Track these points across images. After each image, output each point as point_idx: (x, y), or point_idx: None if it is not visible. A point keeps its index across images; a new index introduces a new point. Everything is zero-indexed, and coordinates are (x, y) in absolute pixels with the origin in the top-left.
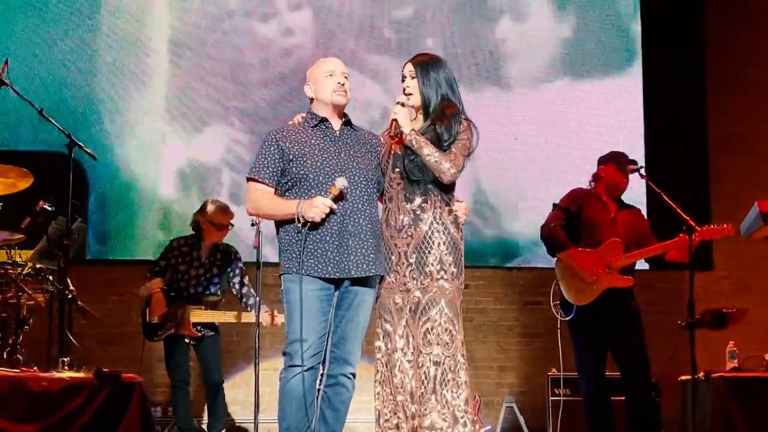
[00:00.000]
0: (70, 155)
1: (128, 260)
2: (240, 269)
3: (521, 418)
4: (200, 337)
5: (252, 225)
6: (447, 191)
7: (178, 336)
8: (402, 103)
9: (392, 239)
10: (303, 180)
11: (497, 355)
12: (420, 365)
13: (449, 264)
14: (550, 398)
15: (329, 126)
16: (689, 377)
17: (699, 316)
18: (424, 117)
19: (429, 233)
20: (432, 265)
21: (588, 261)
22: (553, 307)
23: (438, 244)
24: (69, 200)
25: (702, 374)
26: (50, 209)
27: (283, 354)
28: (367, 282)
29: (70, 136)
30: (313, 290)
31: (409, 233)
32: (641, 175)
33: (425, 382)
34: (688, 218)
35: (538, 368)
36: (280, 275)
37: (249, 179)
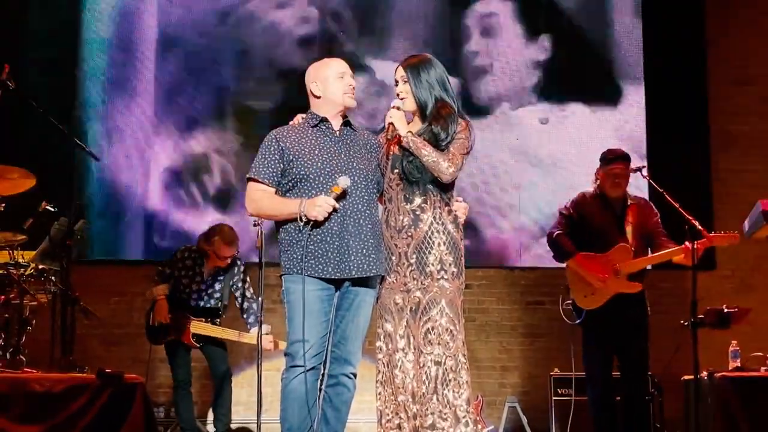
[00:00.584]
0: (73, 156)
1: (130, 261)
2: (242, 278)
3: (524, 418)
4: (201, 347)
5: (254, 225)
6: (446, 191)
7: (180, 341)
8: (397, 107)
9: (392, 240)
10: (303, 180)
11: (500, 355)
12: (421, 365)
13: (449, 264)
14: (553, 398)
15: (329, 126)
16: (692, 377)
17: (702, 316)
18: (421, 119)
19: (429, 233)
20: (432, 265)
21: (595, 266)
22: (563, 311)
23: (438, 244)
24: (73, 200)
25: (705, 374)
26: (53, 210)
27: (285, 354)
28: (368, 282)
29: (73, 137)
30: (314, 290)
31: (409, 233)
32: (643, 176)
33: (426, 382)
34: (691, 218)
35: (541, 368)
36: (281, 275)
37: (249, 179)
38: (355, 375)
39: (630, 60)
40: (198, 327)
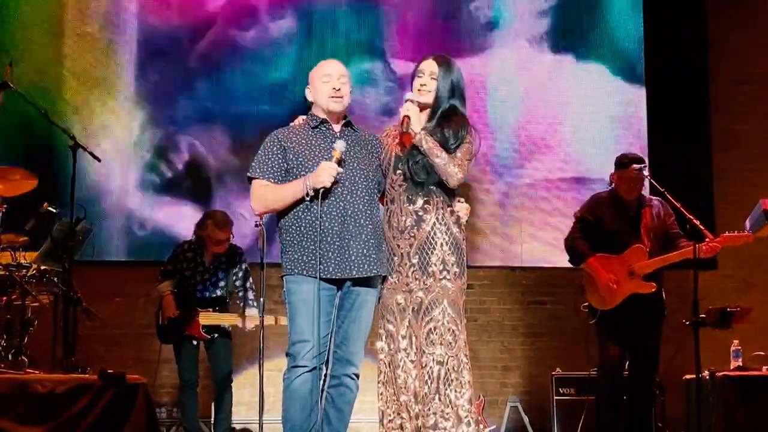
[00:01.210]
0: (74, 156)
1: (132, 261)
2: (244, 271)
3: (526, 418)
4: (210, 340)
5: (256, 226)
6: (449, 192)
7: (188, 337)
8: (412, 100)
9: (394, 240)
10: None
11: (501, 355)
12: (423, 365)
13: (452, 264)
14: (555, 398)
15: (329, 127)
16: (694, 376)
17: (703, 315)
18: (430, 116)
19: (432, 234)
20: (435, 265)
21: (610, 267)
22: (582, 308)
23: (441, 245)
24: (73, 201)
25: (706, 373)
26: (54, 211)
27: (286, 355)
28: (369, 282)
29: (74, 138)
30: (315, 291)
31: (412, 234)
32: (644, 175)
33: (429, 382)
34: (692, 217)
35: (543, 368)
36: (282, 276)
37: (251, 179)
38: (358, 375)
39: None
40: (207, 318)
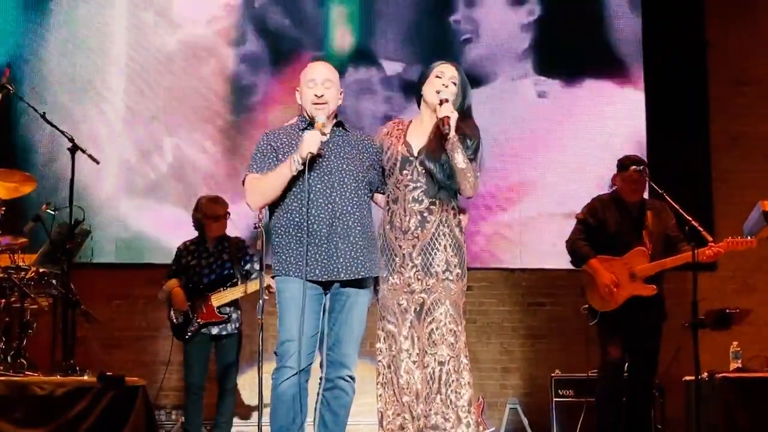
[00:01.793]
0: (73, 159)
1: (131, 264)
2: (251, 259)
3: (525, 420)
4: (220, 336)
5: (255, 228)
6: (453, 195)
7: (202, 335)
8: (448, 100)
9: (396, 240)
10: (291, 185)
11: (501, 357)
12: (425, 365)
13: (455, 266)
14: (554, 399)
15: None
16: (693, 378)
17: (703, 317)
18: None
19: (435, 235)
20: (438, 266)
21: (612, 269)
22: (582, 310)
23: (444, 246)
24: (71, 203)
25: (706, 375)
26: (53, 213)
27: (275, 353)
28: (359, 283)
29: (73, 140)
30: (300, 291)
31: (416, 235)
32: (645, 177)
33: (430, 383)
34: (692, 219)
35: (542, 369)
36: (272, 277)
37: (245, 178)
38: (353, 378)
39: (629, 59)
40: (218, 298)
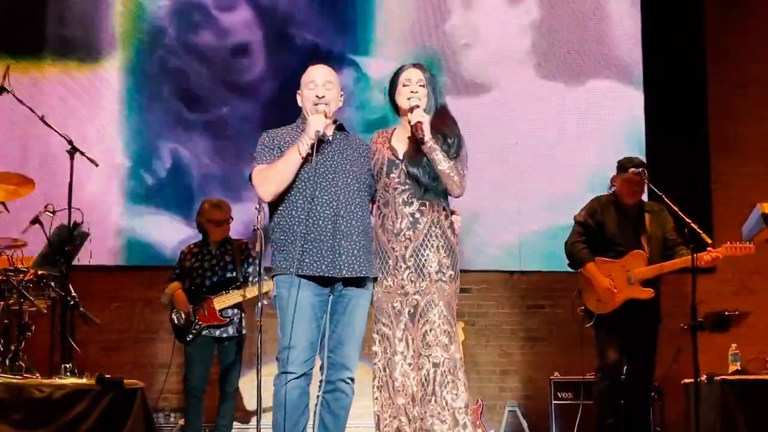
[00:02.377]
0: (72, 160)
1: (130, 266)
2: (254, 262)
3: (524, 423)
4: (222, 339)
5: (254, 230)
6: (444, 197)
7: (204, 337)
8: (419, 106)
9: (389, 243)
10: (295, 181)
11: (500, 359)
12: (420, 367)
13: (447, 267)
14: (554, 402)
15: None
16: (692, 380)
17: (701, 319)
18: None
19: (427, 236)
20: (430, 267)
21: (609, 272)
22: (579, 312)
23: (437, 248)
24: (70, 206)
25: (705, 377)
26: (52, 215)
27: (276, 359)
28: (360, 284)
29: (72, 142)
30: (306, 296)
31: (408, 236)
32: (645, 180)
33: (425, 385)
34: (691, 222)
35: (541, 372)
36: (272, 276)
37: (251, 172)
38: (353, 380)
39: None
40: (221, 301)
